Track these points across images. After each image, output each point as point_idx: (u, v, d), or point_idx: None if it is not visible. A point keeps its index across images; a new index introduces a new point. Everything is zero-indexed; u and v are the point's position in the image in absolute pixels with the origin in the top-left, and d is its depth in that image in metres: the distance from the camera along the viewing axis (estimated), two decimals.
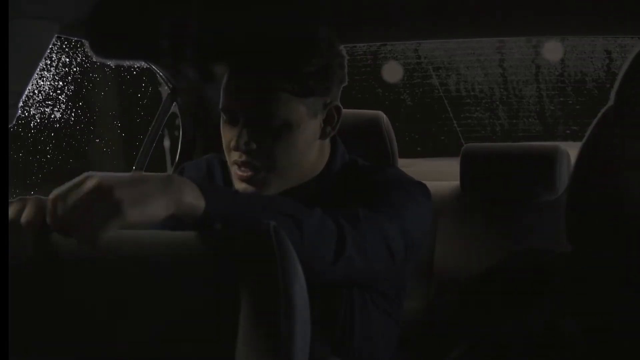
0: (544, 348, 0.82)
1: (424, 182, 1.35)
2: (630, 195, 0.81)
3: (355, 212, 1.16)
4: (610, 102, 0.86)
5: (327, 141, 1.35)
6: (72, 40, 2.57)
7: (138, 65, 2.30)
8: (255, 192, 1.27)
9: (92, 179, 0.85)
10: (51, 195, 0.85)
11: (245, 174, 1.27)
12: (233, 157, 1.28)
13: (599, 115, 0.90)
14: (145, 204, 0.86)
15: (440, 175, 2.35)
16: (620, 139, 0.82)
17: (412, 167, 2.64)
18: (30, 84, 1.38)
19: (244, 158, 1.26)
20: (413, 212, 1.25)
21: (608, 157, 0.87)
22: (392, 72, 4.39)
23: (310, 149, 1.31)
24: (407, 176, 1.34)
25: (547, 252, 0.95)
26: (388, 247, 1.18)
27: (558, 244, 0.95)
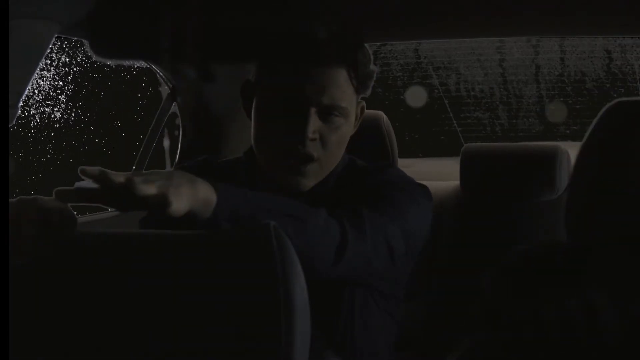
0: (553, 342, 0.82)
1: (424, 182, 1.36)
2: (630, 194, 0.81)
3: (360, 213, 1.17)
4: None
5: None
6: (72, 40, 2.57)
7: (138, 65, 2.30)
8: (292, 187, 1.29)
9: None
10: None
11: (301, 164, 1.27)
12: (287, 146, 1.26)
13: (599, 115, 0.90)
14: (178, 195, 0.91)
15: (440, 175, 2.35)
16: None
17: (412, 167, 2.64)
18: (30, 84, 1.38)
19: (307, 147, 1.26)
20: (414, 214, 1.26)
21: (608, 156, 0.87)
22: (416, 97, 4.46)
23: (344, 147, 1.35)
24: (408, 177, 1.35)
25: (553, 246, 0.95)
26: (389, 248, 1.19)
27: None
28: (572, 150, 1.82)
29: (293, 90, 1.26)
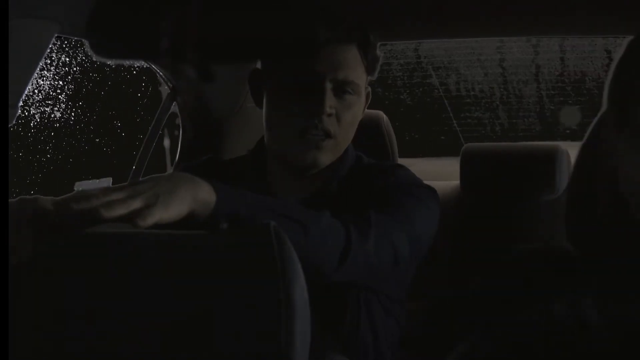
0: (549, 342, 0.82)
1: (424, 181, 1.36)
2: (630, 194, 0.81)
3: (366, 216, 1.17)
4: (604, 107, 0.86)
5: None
6: (72, 40, 2.57)
7: (138, 65, 2.30)
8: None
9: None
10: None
11: (319, 139, 1.29)
12: (304, 123, 1.29)
13: (599, 114, 0.90)
14: (172, 202, 0.91)
15: (440, 175, 2.35)
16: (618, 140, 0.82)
17: (412, 167, 2.63)
18: (30, 84, 1.38)
19: (324, 122, 1.28)
20: (422, 218, 1.26)
21: (608, 156, 0.87)
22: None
23: (356, 127, 1.37)
24: (416, 179, 1.36)
25: (555, 247, 0.95)
26: (394, 252, 1.19)
27: (557, 244, 0.95)
28: (572, 150, 1.82)
29: (308, 69, 1.27)
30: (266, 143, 1.38)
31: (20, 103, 1.36)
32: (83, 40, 1.55)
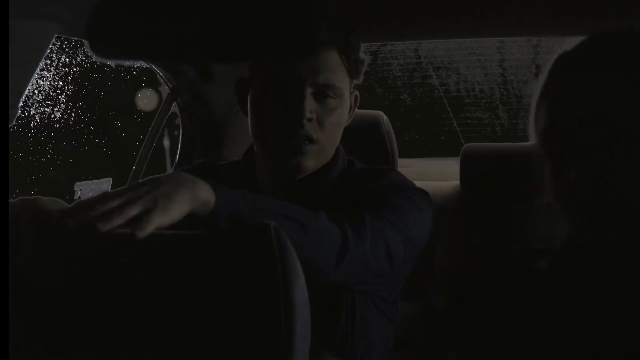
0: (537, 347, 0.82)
1: (424, 181, 1.36)
2: (628, 194, 0.81)
3: (361, 217, 1.17)
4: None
5: None
6: (72, 40, 2.57)
7: (138, 65, 2.31)
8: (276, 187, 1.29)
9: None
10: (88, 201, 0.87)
11: (301, 144, 1.28)
12: (286, 128, 1.28)
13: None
14: (171, 204, 0.90)
15: (440, 175, 2.35)
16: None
17: (412, 167, 2.64)
18: (30, 84, 1.38)
19: (305, 127, 1.27)
20: (415, 219, 1.26)
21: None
22: None
23: (341, 131, 1.35)
24: (409, 182, 1.36)
25: (543, 253, 0.95)
26: (389, 253, 1.19)
27: (557, 244, 0.96)
28: None
29: (287, 73, 1.27)
30: (254, 148, 1.38)
31: (20, 103, 1.36)
32: (83, 40, 1.55)
